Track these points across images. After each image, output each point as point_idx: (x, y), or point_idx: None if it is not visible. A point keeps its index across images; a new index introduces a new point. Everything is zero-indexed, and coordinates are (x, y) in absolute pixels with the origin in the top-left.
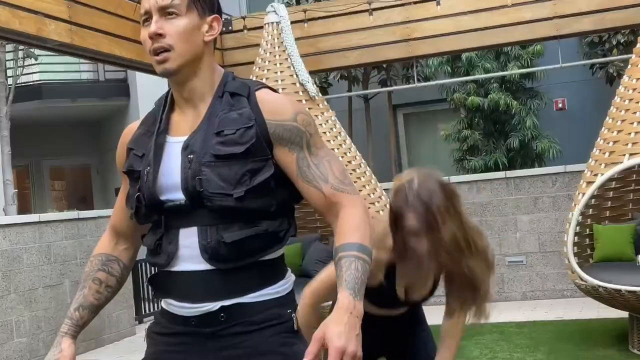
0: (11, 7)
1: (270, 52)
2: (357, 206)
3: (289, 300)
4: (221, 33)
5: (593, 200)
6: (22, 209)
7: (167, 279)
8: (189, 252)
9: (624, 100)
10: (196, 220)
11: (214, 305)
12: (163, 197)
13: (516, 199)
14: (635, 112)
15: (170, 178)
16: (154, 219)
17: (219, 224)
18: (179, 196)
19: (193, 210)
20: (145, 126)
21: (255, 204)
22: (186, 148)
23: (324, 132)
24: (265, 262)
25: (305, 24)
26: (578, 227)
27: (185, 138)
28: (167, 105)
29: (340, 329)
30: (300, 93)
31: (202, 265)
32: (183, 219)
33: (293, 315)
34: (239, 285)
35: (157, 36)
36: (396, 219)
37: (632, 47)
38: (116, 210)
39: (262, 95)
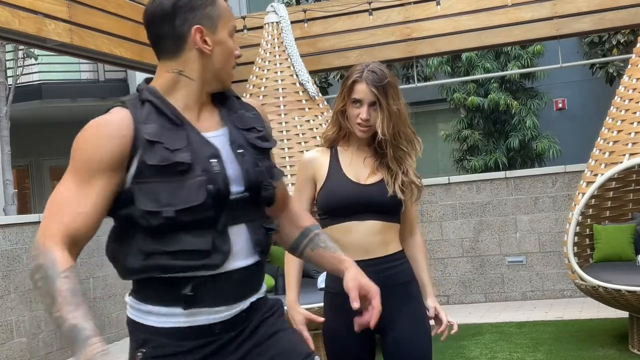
0: (11, 7)
1: (270, 52)
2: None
3: None
4: None
5: (593, 200)
6: (22, 209)
7: (213, 285)
8: (237, 248)
9: (624, 100)
10: (244, 216)
11: (246, 303)
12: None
13: (516, 199)
14: (635, 112)
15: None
16: (208, 215)
17: (259, 217)
18: (237, 189)
19: (243, 205)
20: (157, 122)
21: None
22: (233, 142)
23: (325, 129)
24: None
25: (305, 24)
26: (578, 227)
27: (213, 132)
28: (166, 105)
29: (367, 278)
30: (300, 93)
31: (247, 261)
32: (233, 214)
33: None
34: (261, 280)
35: None
36: (351, 87)
37: (632, 47)
38: (82, 215)
39: (249, 99)
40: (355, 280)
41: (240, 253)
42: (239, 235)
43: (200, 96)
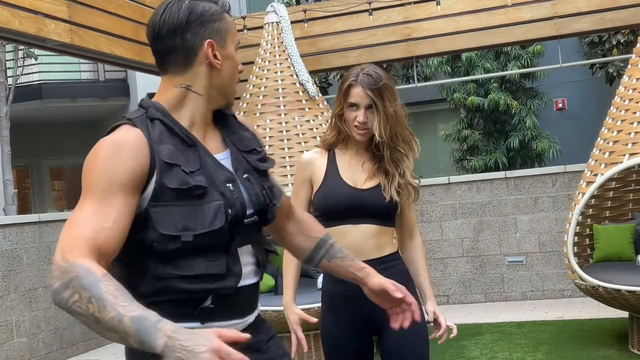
0: (11, 7)
1: (270, 52)
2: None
3: None
4: None
5: (593, 200)
6: (22, 209)
7: (229, 299)
8: (245, 270)
9: (624, 100)
10: (250, 238)
11: (251, 318)
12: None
13: (516, 199)
14: (635, 112)
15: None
16: (224, 239)
17: (261, 238)
18: (249, 212)
19: (250, 228)
20: (170, 143)
21: None
22: (238, 166)
23: (324, 133)
24: None
25: (305, 24)
26: (578, 227)
27: (220, 154)
28: (176, 124)
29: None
30: (300, 93)
31: (251, 280)
32: (242, 237)
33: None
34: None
35: None
36: (347, 91)
37: (632, 47)
38: (106, 230)
39: (240, 117)
40: (383, 279)
41: (248, 274)
42: (246, 257)
43: (206, 113)
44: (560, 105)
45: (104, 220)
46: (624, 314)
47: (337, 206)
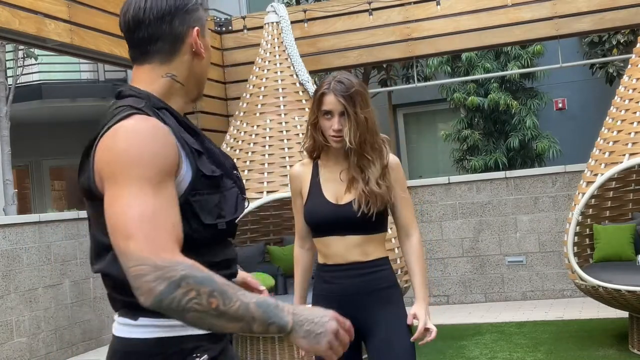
0: (11, 7)
1: (270, 52)
2: None
3: None
4: (221, 33)
5: (593, 200)
6: (22, 209)
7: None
8: None
9: (624, 100)
10: None
11: None
12: None
13: (516, 199)
14: (635, 112)
15: None
16: (235, 226)
17: None
18: None
19: None
20: (184, 132)
21: None
22: None
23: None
24: None
25: (305, 24)
26: (578, 227)
27: None
28: (179, 114)
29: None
30: (300, 93)
31: None
32: None
33: None
34: None
35: None
36: (320, 99)
37: (632, 47)
38: (177, 225)
39: None
40: (243, 272)
41: None
42: None
43: (183, 106)
44: (560, 105)
45: (173, 213)
46: (624, 314)
47: (320, 223)
